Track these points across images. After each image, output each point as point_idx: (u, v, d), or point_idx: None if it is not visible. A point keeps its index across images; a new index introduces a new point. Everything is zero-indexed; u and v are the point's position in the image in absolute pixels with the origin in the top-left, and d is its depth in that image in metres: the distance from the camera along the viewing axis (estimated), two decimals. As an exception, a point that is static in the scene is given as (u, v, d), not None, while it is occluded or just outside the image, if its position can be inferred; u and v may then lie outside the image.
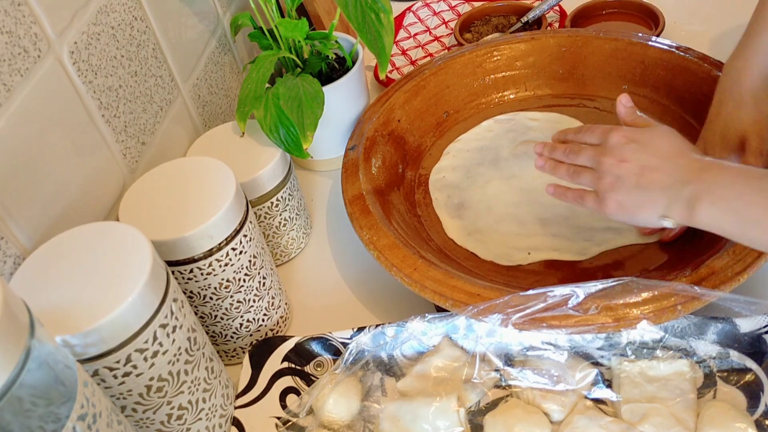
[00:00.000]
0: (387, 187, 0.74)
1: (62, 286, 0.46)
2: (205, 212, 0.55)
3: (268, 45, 0.77)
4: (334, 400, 0.57)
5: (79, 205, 0.57)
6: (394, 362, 0.60)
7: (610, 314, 0.53)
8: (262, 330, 0.65)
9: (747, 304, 0.53)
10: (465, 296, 0.57)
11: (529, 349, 0.58)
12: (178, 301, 0.50)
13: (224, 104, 0.85)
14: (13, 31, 0.49)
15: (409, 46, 1.02)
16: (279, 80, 0.70)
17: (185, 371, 0.51)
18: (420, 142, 0.82)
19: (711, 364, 0.56)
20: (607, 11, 0.97)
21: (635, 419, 0.53)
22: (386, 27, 0.67)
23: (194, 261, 0.56)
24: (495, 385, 0.58)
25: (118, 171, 0.63)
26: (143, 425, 0.51)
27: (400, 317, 0.61)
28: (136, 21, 0.65)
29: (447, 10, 1.08)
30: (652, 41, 0.80)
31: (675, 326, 0.56)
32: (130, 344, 0.46)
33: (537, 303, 0.54)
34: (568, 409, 0.55)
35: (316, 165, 0.86)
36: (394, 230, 0.65)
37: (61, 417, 0.36)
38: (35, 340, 0.34)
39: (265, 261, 0.63)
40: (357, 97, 0.81)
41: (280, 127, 0.66)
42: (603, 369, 0.57)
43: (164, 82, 0.70)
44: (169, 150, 0.71)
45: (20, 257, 0.50)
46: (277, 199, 0.70)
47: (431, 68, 0.83)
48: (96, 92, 0.59)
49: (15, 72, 0.49)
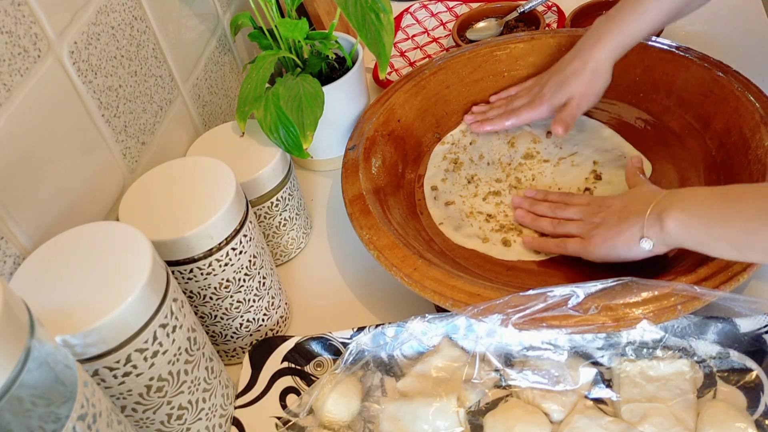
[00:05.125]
0: (387, 187, 0.74)
1: (62, 286, 0.46)
2: (205, 212, 0.55)
3: (268, 45, 0.77)
4: (334, 400, 0.57)
5: (79, 205, 0.57)
6: (394, 362, 0.60)
7: (610, 314, 0.53)
8: (262, 330, 0.65)
9: (747, 303, 0.53)
10: (465, 296, 0.57)
11: (529, 349, 0.58)
12: (178, 301, 0.50)
13: (224, 104, 0.85)
14: (13, 31, 0.49)
15: (408, 48, 1.02)
16: (279, 80, 0.70)
17: (185, 371, 0.51)
18: (420, 142, 0.82)
19: (711, 364, 0.56)
20: (607, 11, 0.96)
21: (635, 419, 0.53)
22: (386, 27, 0.67)
23: (194, 261, 0.56)
24: (495, 385, 0.58)
25: (118, 171, 0.63)
26: (143, 425, 0.51)
27: (400, 317, 0.61)
28: (136, 21, 0.65)
29: (444, 11, 1.08)
30: (652, 41, 0.80)
31: (675, 326, 0.56)
32: (130, 344, 0.46)
33: (537, 303, 0.54)
34: (568, 409, 0.55)
35: (316, 165, 0.86)
36: (394, 230, 0.65)
37: (61, 417, 0.36)
38: (35, 340, 0.34)
39: (265, 261, 0.63)
40: (357, 97, 0.81)
41: (280, 127, 0.66)
42: (603, 369, 0.57)
43: (164, 82, 0.70)
44: (169, 150, 0.71)
45: (20, 257, 0.50)
46: (277, 199, 0.70)
47: (431, 68, 0.83)
48: (96, 92, 0.59)
49: (15, 72, 0.49)
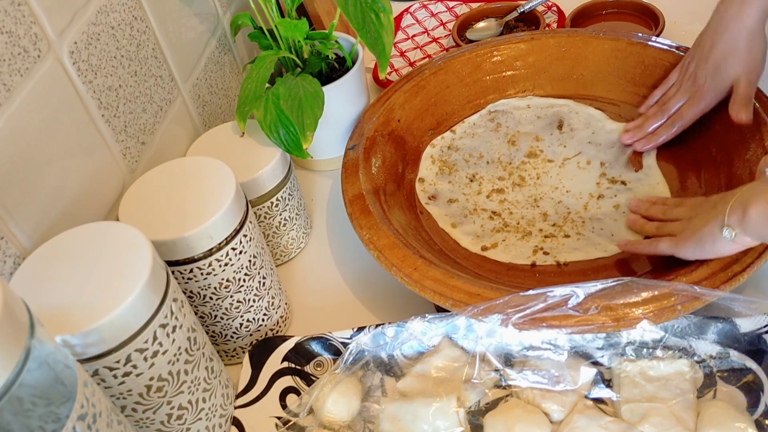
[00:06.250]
0: (387, 186, 0.74)
1: (62, 286, 0.46)
2: (205, 212, 0.55)
3: (268, 45, 0.77)
4: (334, 400, 0.57)
5: (79, 205, 0.57)
6: (394, 362, 0.60)
7: (610, 314, 0.53)
8: (262, 330, 0.65)
9: (747, 303, 0.53)
10: (465, 296, 0.57)
11: (529, 349, 0.58)
12: (178, 301, 0.50)
13: (224, 104, 0.85)
14: (13, 31, 0.49)
15: (407, 48, 1.02)
16: (279, 80, 0.70)
17: (185, 371, 0.51)
18: (420, 142, 0.82)
19: (711, 363, 0.56)
20: (607, 11, 0.97)
21: (635, 419, 0.53)
22: (386, 27, 0.67)
23: (194, 261, 0.56)
24: (495, 385, 0.58)
25: (118, 171, 0.63)
26: (143, 425, 0.51)
27: (400, 317, 0.61)
28: (136, 21, 0.65)
29: (444, 11, 1.08)
30: (652, 41, 0.80)
31: (675, 326, 0.56)
32: (130, 344, 0.46)
33: (537, 303, 0.54)
34: (568, 409, 0.55)
35: (316, 165, 0.86)
36: (394, 230, 0.65)
37: (61, 417, 0.36)
38: (35, 340, 0.34)
39: (265, 261, 0.63)
40: (357, 97, 0.81)
41: (280, 127, 0.66)
42: (603, 369, 0.57)
43: (164, 82, 0.70)
44: (169, 150, 0.71)
45: (20, 257, 0.50)
46: (277, 199, 0.70)
47: (431, 68, 0.83)
48: (96, 92, 0.59)
49: (15, 72, 0.49)
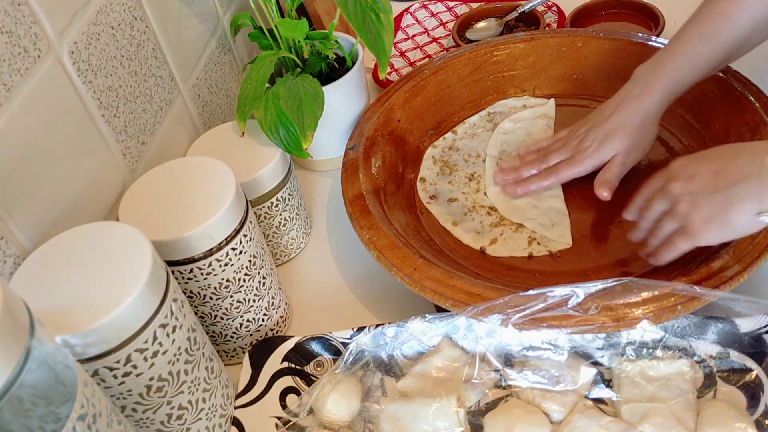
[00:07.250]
0: (387, 186, 0.74)
1: (62, 286, 0.46)
2: (205, 212, 0.55)
3: (268, 45, 0.77)
4: (334, 400, 0.57)
5: (79, 205, 0.57)
6: (394, 362, 0.60)
7: (610, 314, 0.53)
8: (262, 330, 0.65)
9: (747, 303, 0.53)
10: (465, 296, 0.57)
11: (529, 349, 0.58)
12: (178, 301, 0.50)
13: (224, 104, 0.85)
14: (13, 31, 0.49)
15: (408, 48, 1.02)
16: (279, 80, 0.70)
17: (185, 371, 0.51)
18: (420, 143, 0.82)
19: (711, 364, 0.56)
20: (607, 11, 0.97)
21: (635, 419, 0.53)
22: (386, 27, 0.67)
23: (194, 261, 0.56)
24: (495, 385, 0.58)
25: (118, 171, 0.63)
26: (143, 425, 0.51)
27: (400, 317, 0.61)
28: (136, 21, 0.65)
29: (444, 11, 1.08)
30: (652, 41, 0.80)
31: (675, 326, 0.56)
32: (130, 344, 0.46)
33: (537, 303, 0.54)
34: (568, 409, 0.55)
35: (316, 165, 0.86)
36: (394, 230, 0.65)
37: (61, 417, 0.36)
38: (35, 340, 0.34)
39: (265, 261, 0.63)
40: (357, 97, 0.81)
41: (280, 127, 0.66)
42: (603, 369, 0.57)
43: (164, 82, 0.70)
44: (169, 150, 0.71)
45: (20, 257, 0.50)
46: (277, 199, 0.70)
47: (431, 68, 0.83)
48: (96, 92, 0.59)
49: (15, 72, 0.49)
